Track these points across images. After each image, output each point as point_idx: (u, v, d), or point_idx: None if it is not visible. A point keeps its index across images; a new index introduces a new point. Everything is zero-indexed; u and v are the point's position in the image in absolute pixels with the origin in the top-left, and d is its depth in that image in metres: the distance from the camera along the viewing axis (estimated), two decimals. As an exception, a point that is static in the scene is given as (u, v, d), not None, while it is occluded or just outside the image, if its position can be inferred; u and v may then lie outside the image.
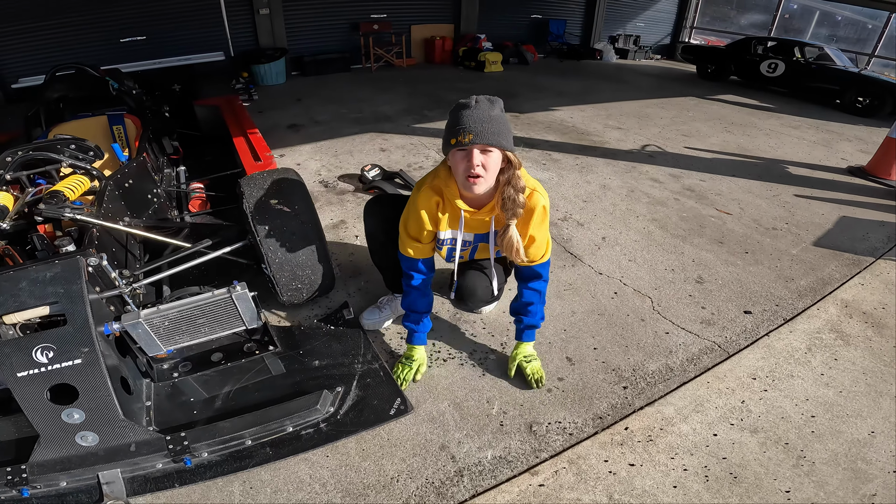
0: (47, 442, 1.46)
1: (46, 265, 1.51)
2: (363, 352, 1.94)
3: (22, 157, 1.93)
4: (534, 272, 1.74)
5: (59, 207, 1.66)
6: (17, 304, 1.47)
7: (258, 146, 3.05)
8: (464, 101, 1.45)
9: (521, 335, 1.84)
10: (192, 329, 1.78)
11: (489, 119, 1.40)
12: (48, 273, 1.50)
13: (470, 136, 1.38)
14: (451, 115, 1.48)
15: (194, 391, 1.81)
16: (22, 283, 1.48)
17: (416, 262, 1.75)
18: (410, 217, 1.69)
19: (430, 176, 1.66)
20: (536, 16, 10.11)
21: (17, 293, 1.47)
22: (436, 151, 4.34)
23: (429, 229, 1.68)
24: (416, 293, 1.79)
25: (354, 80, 7.52)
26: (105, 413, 1.49)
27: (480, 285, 1.87)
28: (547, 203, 1.61)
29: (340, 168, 3.92)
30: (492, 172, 1.48)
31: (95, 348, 1.50)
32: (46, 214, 1.65)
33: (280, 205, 1.88)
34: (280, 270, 1.90)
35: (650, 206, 3.49)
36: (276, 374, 1.84)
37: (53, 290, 1.50)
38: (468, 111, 1.42)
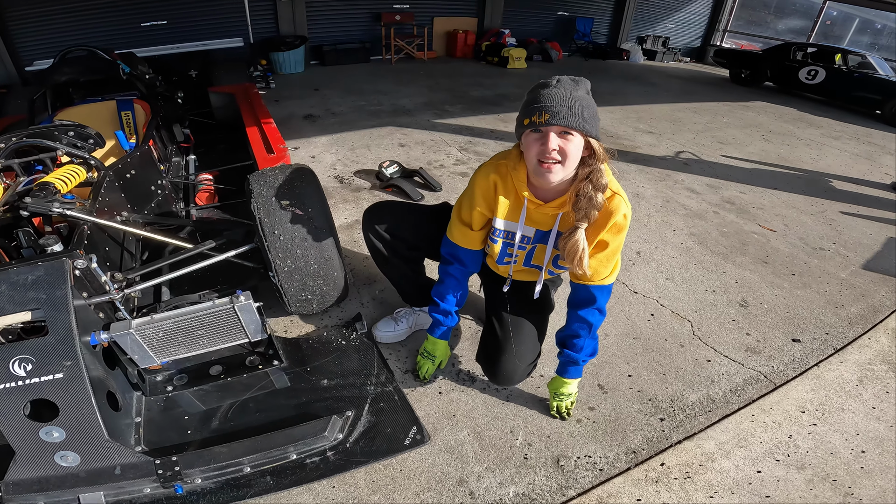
0: (24, 460, 1.31)
1: (28, 267, 1.34)
2: (376, 371, 1.76)
3: (15, 143, 1.76)
4: (589, 295, 1.48)
5: (46, 201, 1.49)
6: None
7: (272, 137, 2.87)
8: (544, 81, 1.25)
9: (561, 369, 1.63)
10: (189, 341, 1.61)
11: (572, 98, 1.19)
12: (29, 276, 1.34)
13: (547, 116, 1.18)
14: (528, 95, 1.28)
15: (189, 408, 1.65)
16: (1, 286, 1.32)
17: (458, 249, 1.57)
18: (464, 197, 1.51)
19: (499, 155, 1.46)
20: (563, 13, 9.82)
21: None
22: (457, 149, 4.13)
23: (481, 212, 1.48)
24: (450, 282, 1.63)
25: (374, 71, 7.33)
26: (88, 432, 1.34)
27: (518, 370, 1.61)
28: (629, 213, 1.36)
29: (357, 163, 3.74)
30: (570, 161, 1.25)
31: (79, 362, 1.35)
32: (32, 209, 1.48)
33: (292, 207, 1.69)
34: (289, 280, 1.72)
35: (687, 218, 3.25)
36: (281, 392, 1.68)
37: (35, 295, 1.33)
38: (548, 90, 1.22)
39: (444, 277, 1.65)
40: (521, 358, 1.60)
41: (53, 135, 1.84)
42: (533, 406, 1.71)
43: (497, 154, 1.48)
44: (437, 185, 3.36)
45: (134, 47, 5.37)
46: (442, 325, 1.69)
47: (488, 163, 1.46)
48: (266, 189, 1.72)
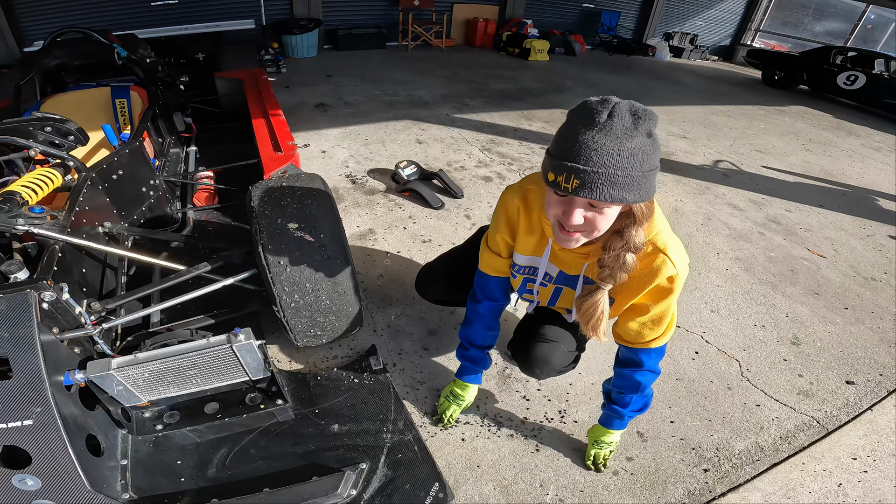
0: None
1: None
2: (393, 417, 1.55)
3: None
4: (634, 357, 1.27)
5: (10, 216, 1.26)
6: (-59, 352, 1.09)
7: (280, 132, 2.61)
8: (593, 107, 0.87)
9: (605, 419, 1.46)
10: (180, 381, 1.41)
11: (619, 155, 0.84)
12: (-17, 313, 1.11)
13: (576, 183, 0.87)
14: (567, 129, 0.90)
15: (182, 451, 1.45)
16: (-51, 322, 1.10)
17: (488, 280, 1.41)
18: (492, 221, 1.35)
19: (529, 179, 1.25)
20: (588, 5, 9.40)
21: (-57, 336, 1.09)
22: (479, 149, 3.86)
23: (504, 238, 1.31)
24: (479, 323, 1.48)
25: (389, 58, 7.03)
26: (66, 481, 1.14)
27: (556, 351, 1.42)
28: (679, 274, 1.08)
29: (371, 160, 3.48)
30: (599, 231, 1.00)
31: (50, 408, 1.14)
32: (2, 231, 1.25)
33: (301, 231, 1.45)
34: (296, 317, 1.49)
35: (732, 240, 2.98)
36: (286, 437, 1.47)
37: (-14, 338, 1.11)
38: (590, 134, 0.85)
39: (472, 318, 1.49)
40: (560, 340, 1.44)
41: (28, 131, 1.60)
42: (565, 455, 1.55)
43: (528, 176, 1.27)
44: (458, 190, 3.10)
45: (144, 28, 5.12)
46: (473, 369, 1.54)
47: (517, 185, 1.26)
48: (271, 208, 1.48)
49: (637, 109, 0.87)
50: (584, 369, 1.82)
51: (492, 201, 3.08)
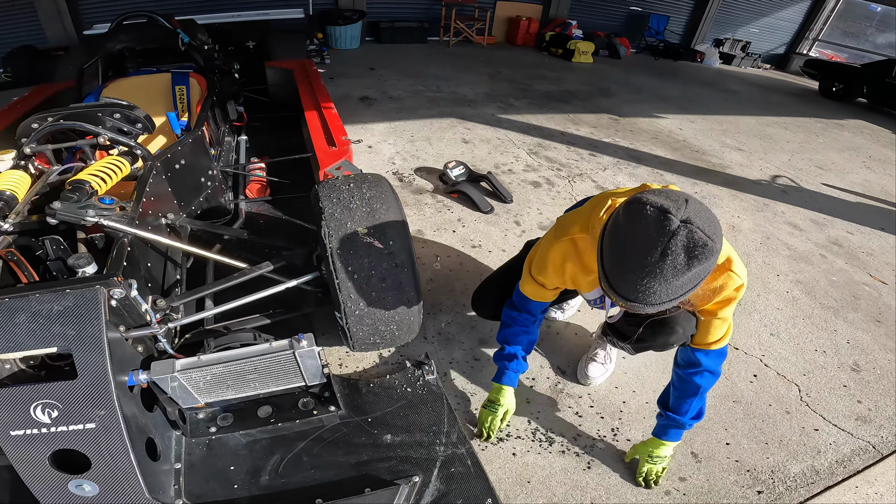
0: None
1: (54, 294, 1.08)
2: (447, 429, 1.49)
3: (51, 125, 1.50)
4: (692, 358, 1.31)
5: (79, 207, 1.22)
6: (12, 345, 1.05)
7: (333, 126, 2.55)
8: (649, 233, 0.85)
9: (659, 430, 1.44)
10: (238, 384, 1.37)
11: (671, 291, 0.87)
12: (55, 306, 1.07)
13: (628, 305, 0.94)
14: (619, 257, 0.91)
15: (235, 456, 1.41)
16: (19, 316, 1.06)
17: (529, 302, 1.44)
18: (538, 258, 1.36)
19: (578, 226, 1.22)
20: (636, 9, 9.11)
21: (13, 330, 1.05)
22: (526, 152, 3.75)
23: (552, 282, 1.36)
24: (518, 328, 1.48)
25: (430, 53, 6.95)
26: (125, 488, 1.11)
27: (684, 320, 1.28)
28: (744, 283, 1.13)
29: (417, 158, 3.40)
30: None
31: (115, 412, 1.11)
32: (61, 217, 1.21)
33: (370, 237, 1.38)
34: (359, 324, 1.42)
35: (792, 261, 2.81)
36: (338, 446, 1.42)
37: (61, 330, 1.08)
38: (641, 275, 0.86)
39: (510, 322, 1.49)
40: None
41: (97, 116, 1.56)
42: (616, 474, 1.51)
43: (579, 214, 1.26)
44: (507, 195, 3.00)
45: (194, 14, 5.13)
46: (509, 370, 1.51)
47: (564, 239, 1.24)
48: (340, 210, 1.41)
49: (695, 247, 0.83)
50: (638, 387, 1.79)
51: (541, 208, 2.97)
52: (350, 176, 1.57)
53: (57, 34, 5.55)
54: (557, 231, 1.28)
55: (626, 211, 0.90)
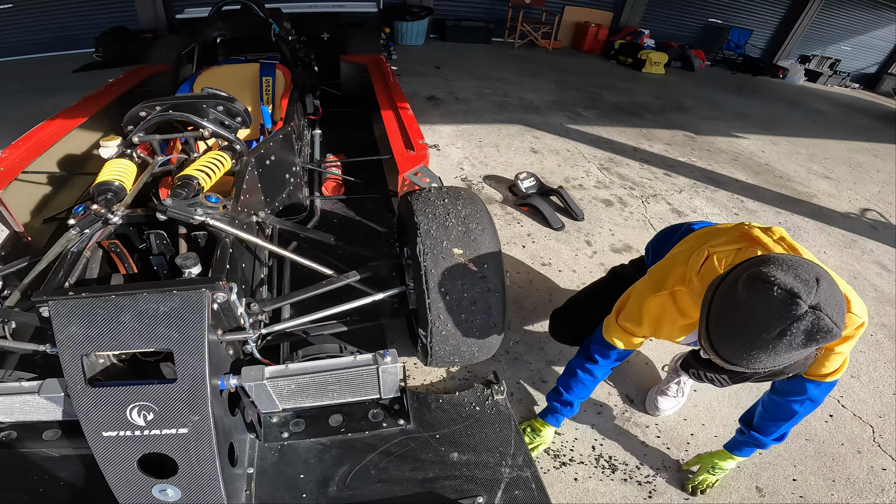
0: None
1: (161, 294, 1.07)
2: (514, 451, 1.44)
3: (159, 115, 1.51)
4: (799, 388, 1.20)
5: (188, 205, 1.21)
6: (116, 343, 1.05)
7: (410, 129, 2.50)
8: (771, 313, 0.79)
9: (735, 444, 1.42)
10: (318, 393, 1.35)
11: (775, 361, 0.83)
12: (161, 307, 1.06)
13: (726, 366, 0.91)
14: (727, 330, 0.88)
15: (305, 464, 1.39)
16: (126, 314, 1.05)
17: (614, 351, 1.36)
18: (629, 312, 1.29)
19: (675, 276, 1.16)
20: (715, 20, 8.65)
21: (119, 328, 1.05)
22: (597, 167, 3.59)
23: (647, 335, 1.31)
24: (587, 380, 1.42)
25: (494, 54, 6.85)
26: (206, 495, 1.10)
27: None
28: (865, 321, 1.03)
29: (486, 165, 3.32)
30: None
31: (208, 418, 1.09)
32: (172, 214, 1.20)
33: (466, 259, 1.32)
34: (442, 343, 1.38)
35: (879, 304, 2.58)
36: (406, 461, 1.40)
37: (165, 332, 1.07)
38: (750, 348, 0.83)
39: (580, 373, 1.42)
40: None
41: (202, 108, 1.57)
42: None
43: (663, 270, 1.21)
44: (578, 212, 2.87)
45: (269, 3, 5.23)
46: (560, 413, 1.49)
47: (663, 292, 1.18)
48: (436, 228, 1.35)
49: (818, 331, 0.77)
50: (707, 421, 1.76)
51: (614, 229, 2.83)
52: (443, 189, 1.51)
53: (148, 17, 5.81)
54: (653, 283, 1.22)
55: (748, 286, 0.82)
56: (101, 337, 1.03)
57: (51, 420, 1.31)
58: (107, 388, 1.05)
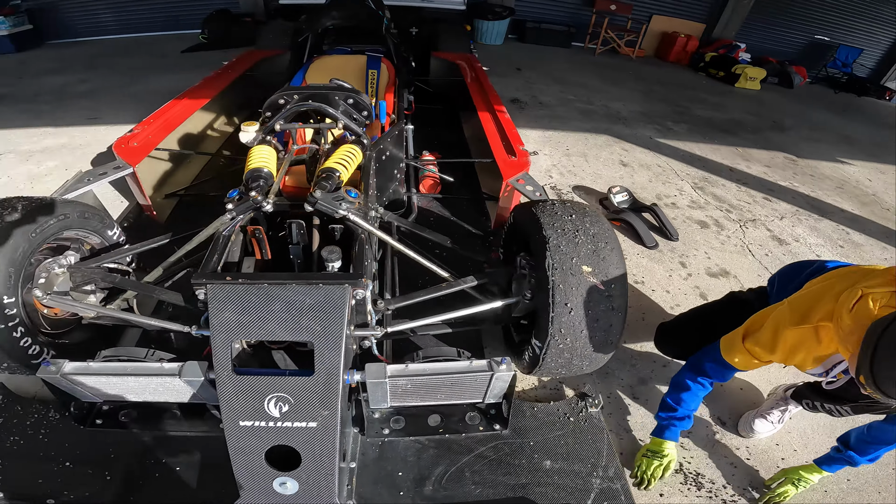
0: None
1: (307, 287, 1.09)
2: (605, 462, 1.46)
3: (296, 104, 1.54)
4: None
5: (334, 198, 1.22)
6: (263, 331, 1.07)
7: (510, 134, 2.46)
8: None
9: (826, 461, 1.43)
10: (427, 394, 1.36)
11: None
12: (307, 299, 1.08)
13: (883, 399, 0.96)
14: None
15: (404, 462, 1.41)
16: (275, 303, 1.07)
17: (731, 371, 1.38)
18: (761, 338, 1.27)
19: (822, 312, 1.14)
20: (822, 38, 8.00)
21: (267, 316, 1.07)
22: (691, 186, 3.39)
23: (776, 361, 1.30)
24: (700, 392, 1.44)
25: (574, 59, 6.67)
26: (321, 490, 1.12)
27: None
28: None
29: (574, 175, 3.22)
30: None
31: (336, 414, 1.10)
32: (321, 207, 1.22)
33: (594, 277, 1.30)
34: (556, 356, 1.35)
35: None
36: (499, 465, 1.41)
37: (309, 324, 1.08)
38: None
39: (693, 387, 1.43)
40: None
41: (334, 100, 1.59)
42: None
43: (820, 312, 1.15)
44: (673, 231, 2.72)
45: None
46: (676, 427, 1.48)
47: (807, 326, 1.17)
48: (566, 244, 1.33)
49: None
50: (800, 447, 1.70)
51: (710, 252, 2.66)
52: (568, 204, 1.48)
53: (248, 1, 6.09)
54: (795, 315, 1.20)
55: None
56: (251, 324, 1.06)
57: (170, 402, 1.37)
58: (250, 376, 1.07)
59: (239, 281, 1.07)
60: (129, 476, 1.29)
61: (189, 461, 1.34)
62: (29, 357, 1.30)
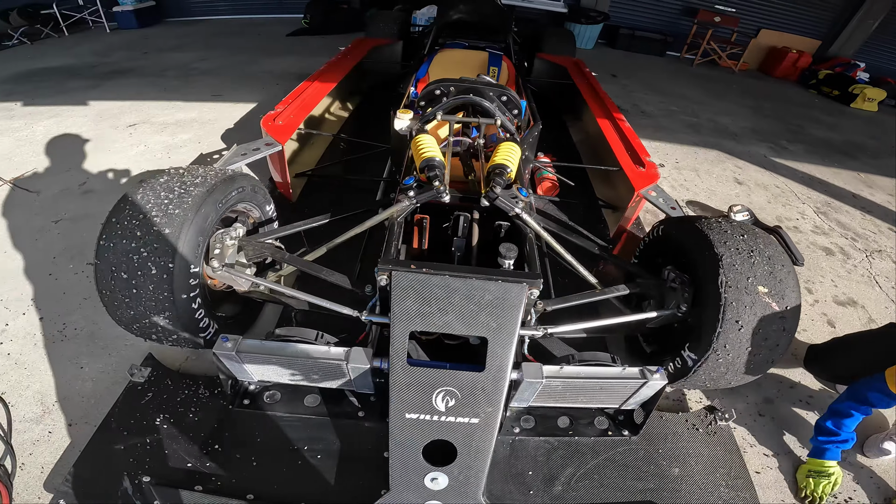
0: (393, 502, 1.09)
1: (487, 283, 1.08)
2: (734, 474, 1.42)
3: (455, 97, 1.55)
4: None
5: (511, 196, 1.21)
6: (442, 323, 1.07)
7: (635, 143, 2.37)
8: None
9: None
10: (571, 395, 1.33)
11: None
12: (486, 294, 1.07)
13: None
14: None
15: (534, 462, 1.39)
16: (456, 296, 1.07)
17: (894, 402, 1.37)
18: None
19: None
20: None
21: (447, 308, 1.06)
22: (813, 210, 3.13)
23: None
24: (859, 419, 1.44)
25: (670, 69, 6.39)
26: (468, 487, 1.10)
27: None
28: None
29: (687, 189, 3.06)
30: None
31: (498, 411, 1.09)
32: (500, 203, 1.21)
33: (769, 298, 1.25)
34: (711, 371, 1.32)
35: None
36: (627, 469, 1.39)
37: (485, 320, 1.07)
38: None
39: (855, 414, 1.44)
40: None
41: (488, 95, 1.59)
42: None
43: None
44: (799, 256, 2.54)
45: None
46: (837, 448, 1.47)
47: None
48: (741, 263, 1.28)
49: None
50: None
51: (837, 280, 2.46)
52: (736, 224, 1.43)
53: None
54: None
55: None
56: (431, 315, 1.05)
57: (313, 386, 1.36)
58: (423, 368, 1.06)
59: (423, 270, 1.07)
60: (275, 463, 1.27)
61: (329, 449, 1.31)
62: (198, 330, 1.30)
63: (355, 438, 1.33)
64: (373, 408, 1.37)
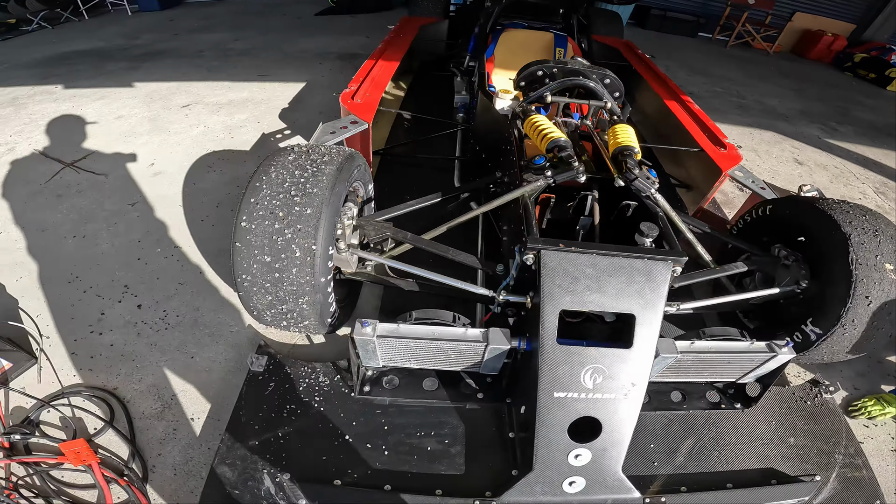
0: (535, 481, 1.10)
1: (634, 260, 1.08)
2: (845, 442, 1.45)
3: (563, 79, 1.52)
4: None
5: (645, 179, 1.20)
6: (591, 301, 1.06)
7: (710, 125, 2.35)
8: None
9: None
10: (695, 370, 1.33)
11: None
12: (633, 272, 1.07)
13: None
14: None
15: (653, 435, 1.40)
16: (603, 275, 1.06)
17: None
18: None
19: None
20: None
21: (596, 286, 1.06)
22: (873, 191, 3.09)
23: None
24: None
25: (705, 50, 6.29)
26: (611, 461, 1.11)
27: None
28: None
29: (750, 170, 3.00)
30: None
31: (643, 388, 1.10)
32: (638, 185, 1.20)
33: None
34: (834, 344, 1.38)
35: None
36: (741, 439, 1.41)
37: (633, 297, 1.06)
38: None
39: None
40: None
41: (592, 78, 1.56)
42: None
43: None
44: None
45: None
46: None
47: None
48: (868, 241, 1.30)
49: None
50: None
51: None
52: (851, 203, 1.44)
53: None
54: None
55: None
56: (581, 293, 1.04)
57: (429, 369, 1.31)
58: (573, 346, 1.05)
59: (572, 249, 1.06)
60: (406, 451, 1.22)
61: (455, 434, 1.27)
62: (329, 314, 1.26)
63: (478, 421, 1.30)
64: (489, 388, 1.35)
